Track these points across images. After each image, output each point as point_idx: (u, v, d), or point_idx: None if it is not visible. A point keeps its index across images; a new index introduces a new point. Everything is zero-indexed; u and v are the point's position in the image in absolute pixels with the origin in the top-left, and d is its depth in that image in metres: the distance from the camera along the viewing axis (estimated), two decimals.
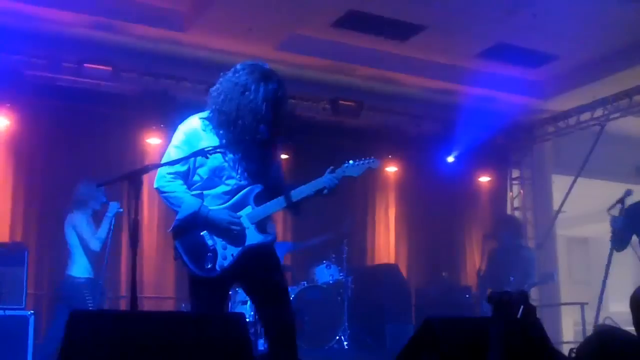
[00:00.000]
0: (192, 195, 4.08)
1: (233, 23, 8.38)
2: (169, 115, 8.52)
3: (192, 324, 3.20)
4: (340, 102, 9.53)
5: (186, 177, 4.12)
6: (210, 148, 4.04)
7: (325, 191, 4.20)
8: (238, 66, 4.18)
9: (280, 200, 4.13)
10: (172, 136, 4.27)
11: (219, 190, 4.09)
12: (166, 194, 4.08)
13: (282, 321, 4.09)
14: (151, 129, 8.63)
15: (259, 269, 4.10)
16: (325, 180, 4.22)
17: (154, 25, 8.35)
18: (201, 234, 4.03)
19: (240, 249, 4.04)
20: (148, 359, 2.90)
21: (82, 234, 6.91)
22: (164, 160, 4.11)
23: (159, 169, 4.10)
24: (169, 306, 8.52)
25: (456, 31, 8.79)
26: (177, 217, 4.05)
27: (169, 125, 8.57)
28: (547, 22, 8.39)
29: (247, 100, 4.01)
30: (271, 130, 4.02)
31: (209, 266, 3.99)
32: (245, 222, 4.07)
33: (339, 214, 8.90)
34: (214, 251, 4.02)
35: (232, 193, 4.09)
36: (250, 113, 4.00)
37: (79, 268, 6.92)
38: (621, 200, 7.27)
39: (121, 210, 6.92)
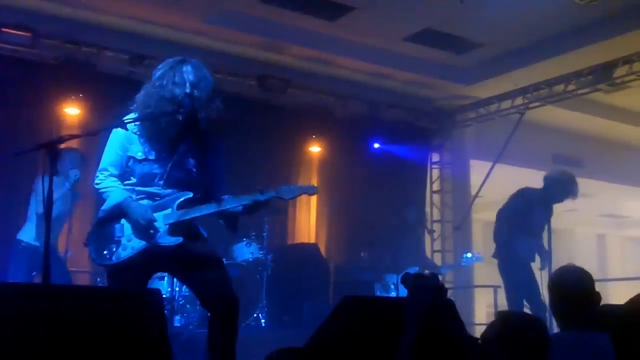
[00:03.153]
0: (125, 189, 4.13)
1: None
2: (89, 85, 8.33)
3: (105, 299, 3.14)
4: (267, 79, 9.47)
5: (120, 178, 4.15)
6: (131, 120, 4.04)
7: (245, 210, 4.10)
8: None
9: (198, 209, 4.08)
10: (91, 106, 4.27)
11: (143, 191, 4.12)
12: (101, 190, 4.12)
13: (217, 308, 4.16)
14: (70, 99, 8.38)
15: (163, 267, 4.21)
16: (252, 197, 4.07)
17: None
18: (115, 224, 4.05)
19: (143, 244, 4.02)
20: (58, 333, 2.83)
21: (37, 198, 6.86)
22: (102, 161, 4.18)
23: (98, 170, 4.18)
24: (84, 280, 8.34)
25: (384, 14, 8.82)
26: (102, 207, 4.10)
27: (89, 95, 8.38)
28: (474, 9, 8.51)
29: (159, 88, 4.04)
30: (189, 110, 4.00)
31: (107, 255, 4.01)
32: (159, 223, 4.05)
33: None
34: (118, 242, 4.03)
35: (158, 197, 4.10)
36: (161, 99, 4.02)
37: (25, 232, 6.94)
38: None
39: (77, 177, 6.89)
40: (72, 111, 8.44)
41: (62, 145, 3.88)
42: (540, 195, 7.70)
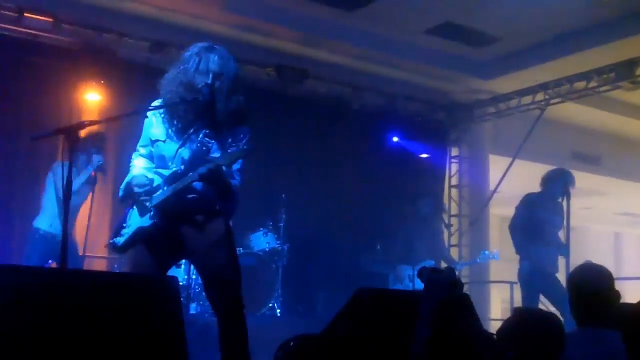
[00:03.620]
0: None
1: None
2: (110, 71, 8.35)
3: (121, 285, 3.15)
4: (285, 69, 9.45)
5: (150, 159, 4.19)
6: (151, 107, 4.06)
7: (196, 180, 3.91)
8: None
9: (170, 188, 4.00)
10: (111, 92, 4.28)
11: (163, 173, 4.12)
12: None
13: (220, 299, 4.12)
14: (90, 85, 8.41)
15: (167, 251, 4.15)
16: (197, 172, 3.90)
17: None
18: (127, 209, 4.14)
19: (132, 230, 4.08)
20: (73, 318, 2.85)
21: (57, 182, 6.78)
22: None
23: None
24: (101, 266, 8.40)
25: (404, 6, 8.79)
26: (121, 186, 4.16)
27: (109, 81, 8.41)
28: (495, 3, 8.46)
29: (181, 73, 4.03)
30: (208, 99, 3.96)
31: (113, 239, 4.14)
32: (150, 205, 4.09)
33: (279, 182, 8.93)
34: (126, 226, 4.12)
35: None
36: (180, 85, 4.00)
37: (41, 220, 6.91)
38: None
39: (101, 163, 6.87)
40: (92, 97, 8.47)
41: (84, 130, 3.90)
42: (542, 197, 7.77)
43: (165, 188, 4.03)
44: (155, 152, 4.14)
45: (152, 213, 4.04)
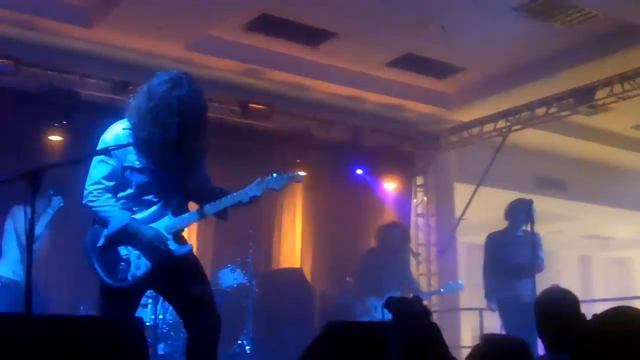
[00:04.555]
0: (120, 206, 4.09)
1: (142, 20, 8.20)
2: (73, 112, 8.31)
3: (87, 328, 3.12)
4: (250, 105, 9.47)
5: (114, 191, 4.09)
6: (114, 147, 4.01)
7: (247, 200, 4.25)
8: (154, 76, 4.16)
9: (195, 215, 4.20)
10: (74, 134, 4.21)
11: (140, 200, 4.11)
12: (95, 209, 4.05)
13: (204, 323, 4.13)
14: (54, 127, 8.35)
15: (177, 278, 4.11)
16: (247, 190, 4.26)
17: (59, 20, 8.10)
18: (117, 245, 4.05)
19: (150, 265, 4.05)
20: None
21: (18, 228, 6.67)
22: (92, 174, 4.10)
23: (86, 185, 4.08)
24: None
25: (366, 39, 8.89)
26: (106, 231, 4.02)
27: (72, 122, 8.36)
28: (454, 34, 8.59)
29: (151, 108, 3.99)
30: (175, 137, 3.96)
31: (122, 276, 3.99)
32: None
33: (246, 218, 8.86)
34: (127, 261, 4.02)
35: (150, 204, 4.12)
36: (152, 121, 3.97)
37: (3, 267, 6.75)
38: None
39: (62, 205, 6.72)
40: (55, 139, 8.40)
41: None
42: (506, 232, 7.89)
43: (170, 216, 4.14)
44: (135, 180, 4.09)
45: (172, 240, 4.10)
